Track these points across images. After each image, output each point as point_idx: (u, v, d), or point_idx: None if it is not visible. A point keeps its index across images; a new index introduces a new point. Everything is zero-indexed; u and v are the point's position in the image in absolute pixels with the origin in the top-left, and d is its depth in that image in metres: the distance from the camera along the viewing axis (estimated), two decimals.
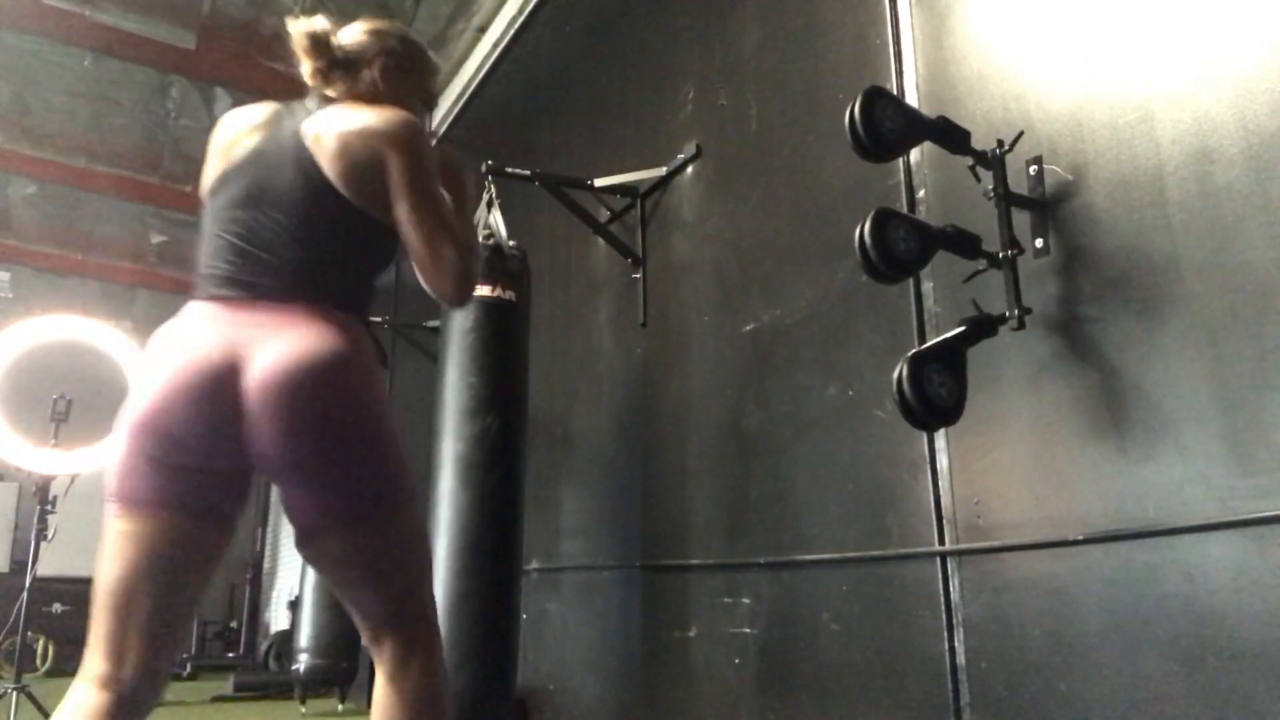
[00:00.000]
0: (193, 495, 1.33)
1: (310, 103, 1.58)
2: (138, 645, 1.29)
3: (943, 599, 1.87)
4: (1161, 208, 1.57)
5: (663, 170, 3.11)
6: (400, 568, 1.43)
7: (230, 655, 8.37)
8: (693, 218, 2.98)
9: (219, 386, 1.31)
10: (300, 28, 1.58)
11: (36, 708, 3.61)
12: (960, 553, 1.85)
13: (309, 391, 1.32)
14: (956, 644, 1.83)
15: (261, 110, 1.57)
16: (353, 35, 1.64)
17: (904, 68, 2.18)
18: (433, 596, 1.50)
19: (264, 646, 7.05)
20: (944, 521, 1.90)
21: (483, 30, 5.08)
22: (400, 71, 1.65)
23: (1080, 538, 1.61)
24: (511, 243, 3.02)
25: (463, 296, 1.53)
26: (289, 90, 1.66)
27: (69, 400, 4.20)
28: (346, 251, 1.49)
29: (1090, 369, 1.66)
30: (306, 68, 1.60)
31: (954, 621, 1.84)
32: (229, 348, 1.34)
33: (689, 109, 3.06)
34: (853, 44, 2.36)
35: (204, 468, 1.34)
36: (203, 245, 1.49)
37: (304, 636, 4.43)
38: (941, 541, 1.90)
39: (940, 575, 1.88)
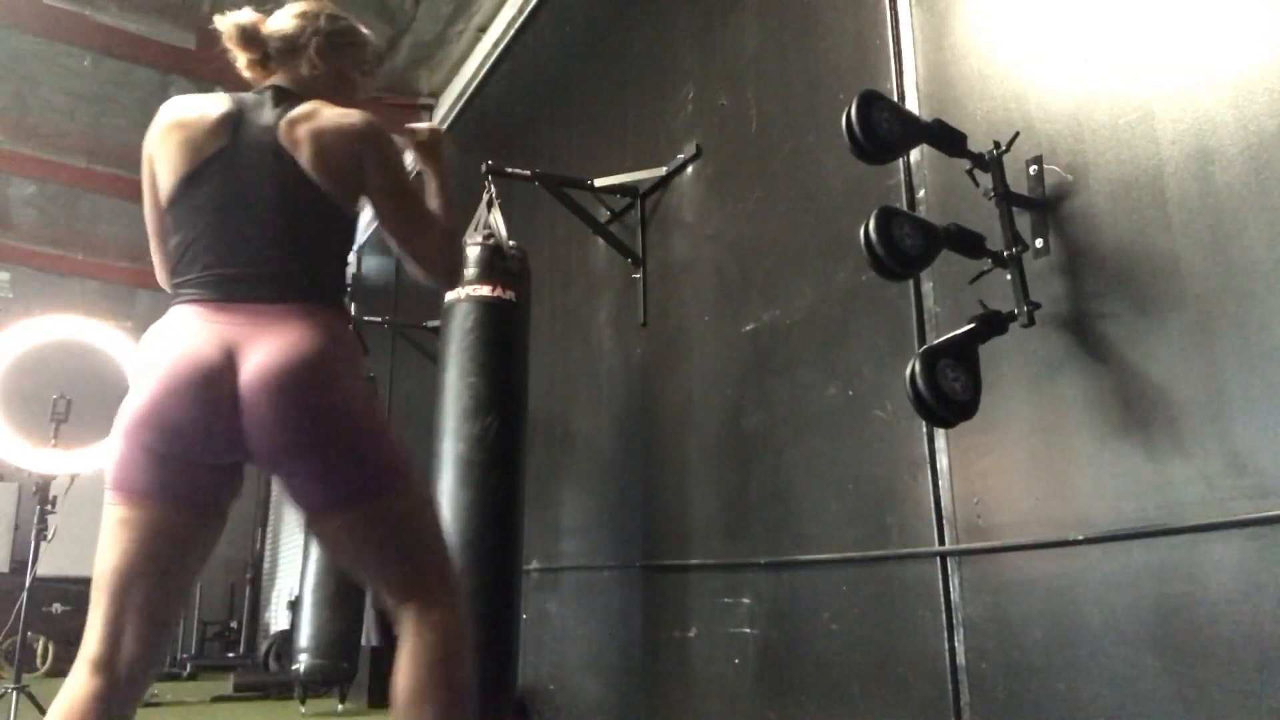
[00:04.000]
0: (187, 488, 1.40)
1: (266, 95, 1.59)
2: (133, 630, 1.35)
3: (943, 599, 1.87)
4: (1161, 208, 1.57)
5: (663, 170, 3.11)
6: (407, 538, 1.49)
7: (230, 655, 8.36)
8: (693, 218, 2.98)
9: (215, 382, 1.37)
10: (228, 22, 1.62)
11: (36, 708, 3.60)
12: (960, 553, 1.86)
13: (301, 385, 1.39)
14: (956, 644, 1.83)
15: (214, 104, 1.56)
16: (280, 23, 1.66)
17: (904, 68, 2.18)
18: (449, 562, 1.55)
19: (264, 646, 7.05)
20: (944, 521, 1.90)
21: (483, 30, 5.08)
22: (333, 50, 1.68)
23: (1080, 538, 1.61)
24: (511, 243, 3.02)
25: (454, 279, 1.72)
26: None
27: (69, 400, 4.20)
28: (327, 247, 1.55)
29: (1090, 369, 1.66)
30: (241, 60, 1.65)
31: (954, 621, 1.84)
32: (223, 346, 1.39)
33: (689, 109, 3.06)
34: (853, 44, 2.36)
35: (199, 460, 1.40)
36: (179, 248, 1.51)
37: (304, 636, 4.43)
38: (941, 541, 1.90)
39: (940, 575, 1.88)
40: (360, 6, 4.94)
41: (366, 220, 1.78)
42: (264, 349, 1.39)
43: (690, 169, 3.01)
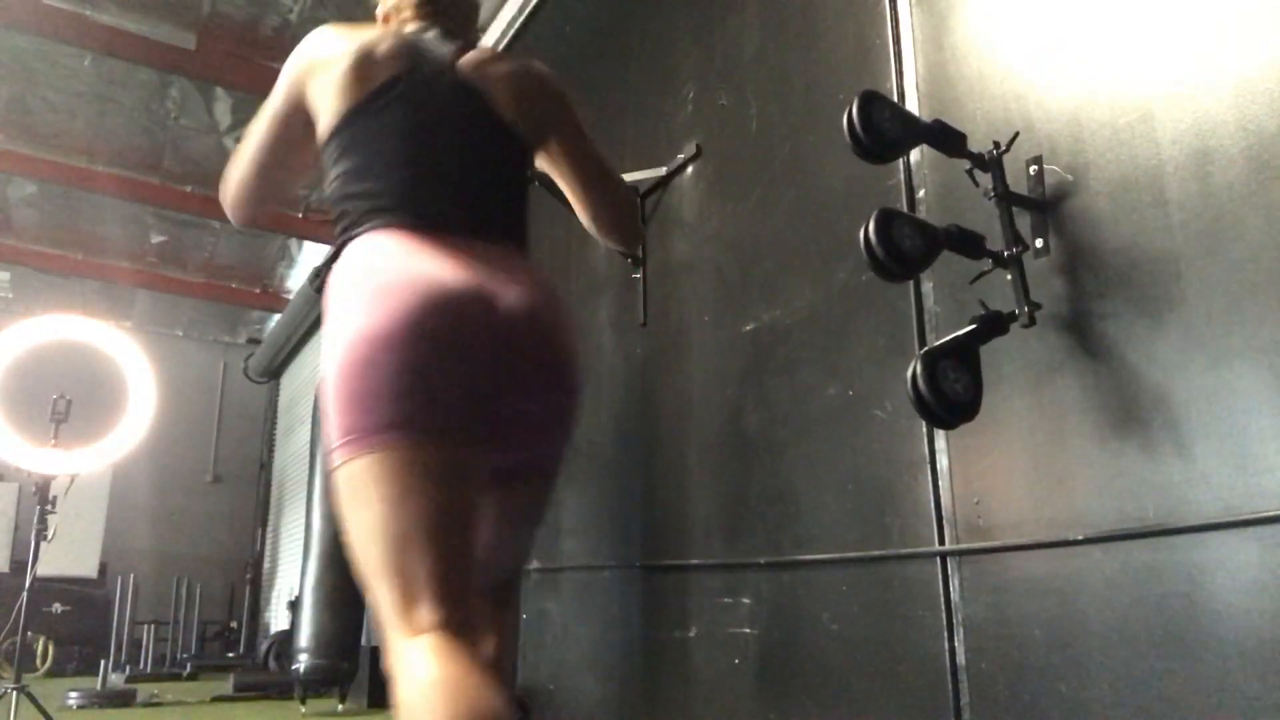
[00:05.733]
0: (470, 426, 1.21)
1: (431, 34, 1.49)
2: (462, 583, 1.12)
3: (943, 599, 1.87)
4: (1161, 208, 1.57)
5: (663, 170, 3.11)
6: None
7: (230, 655, 8.37)
8: (693, 218, 2.98)
9: (480, 307, 1.23)
10: None
11: (36, 708, 3.61)
12: (960, 553, 1.86)
13: (567, 328, 1.37)
14: (956, 644, 1.83)
15: (379, 33, 1.45)
16: None
17: (904, 68, 2.18)
18: None
19: (264, 646, 7.05)
20: (944, 521, 1.90)
21: (482, 30, 5.08)
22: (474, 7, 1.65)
23: (1080, 538, 1.61)
24: None
25: (641, 240, 1.72)
26: None
27: (69, 400, 4.20)
28: (521, 195, 1.49)
29: (1090, 369, 1.66)
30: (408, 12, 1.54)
31: (954, 621, 1.84)
32: (473, 275, 1.25)
33: (689, 109, 3.06)
34: (853, 44, 2.36)
35: (454, 393, 1.19)
36: (348, 175, 1.38)
37: (304, 636, 4.43)
38: (941, 541, 1.90)
39: (940, 575, 1.88)
40: (360, 6, 4.94)
41: None
42: (518, 287, 1.29)
43: (690, 169, 3.01)
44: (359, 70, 1.39)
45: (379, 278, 1.21)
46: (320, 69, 1.42)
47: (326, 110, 1.41)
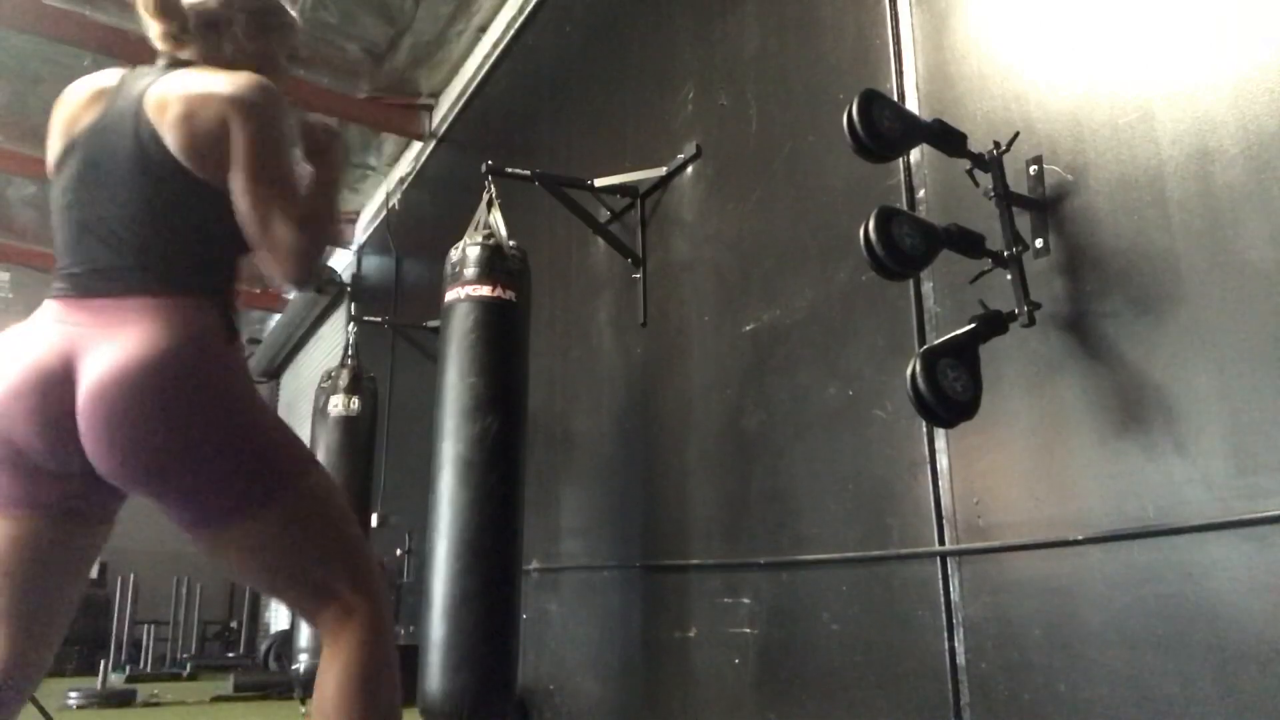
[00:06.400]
0: (52, 497, 1.28)
1: (159, 65, 1.44)
2: (6, 641, 1.26)
3: (943, 599, 1.87)
4: (1161, 208, 1.57)
5: (663, 170, 3.11)
6: (304, 552, 1.32)
7: (230, 655, 8.37)
8: (693, 218, 2.98)
9: (52, 396, 1.23)
10: None
11: (37, 707, 3.60)
12: (960, 553, 1.86)
13: (133, 405, 1.22)
14: (956, 644, 1.83)
15: (107, 77, 1.42)
16: None
17: (904, 68, 2.18)
18: (361, 555, 1.37)
19: (264, 646, 7.05)
20: (944, 521, 1.90)
21: (483, 30, 5.08)
22: (262, 30, 1.53)
23: (1080, 538, 1.61)
24: (511, 243, 3.02)
25: (299, 276, 1.39)
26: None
27: None
28: (189, 229, 1.36)
29: (1090, 369, 1.66)
30: (155, 30, 1.45)
31: (954, 621, 1.84)
32: (63, 353, 1.25)
33: (689, 109, 3.06)
34: (853, 44, 2.36)
35: (57, 471, 1.27)
36: (55, 233, 1.38)
37: (304, 636, 4.43)
38: (941, 541, 1.90)
39: (940, 575, 1.88)
40: (360, 6, 4.94)
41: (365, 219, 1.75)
42: (99, 359, 1.23)
43: (690, 169, 3.01)
44: (63, 126, 1.40)
45: None
46: (51, 125, 1.43)
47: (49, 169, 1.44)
